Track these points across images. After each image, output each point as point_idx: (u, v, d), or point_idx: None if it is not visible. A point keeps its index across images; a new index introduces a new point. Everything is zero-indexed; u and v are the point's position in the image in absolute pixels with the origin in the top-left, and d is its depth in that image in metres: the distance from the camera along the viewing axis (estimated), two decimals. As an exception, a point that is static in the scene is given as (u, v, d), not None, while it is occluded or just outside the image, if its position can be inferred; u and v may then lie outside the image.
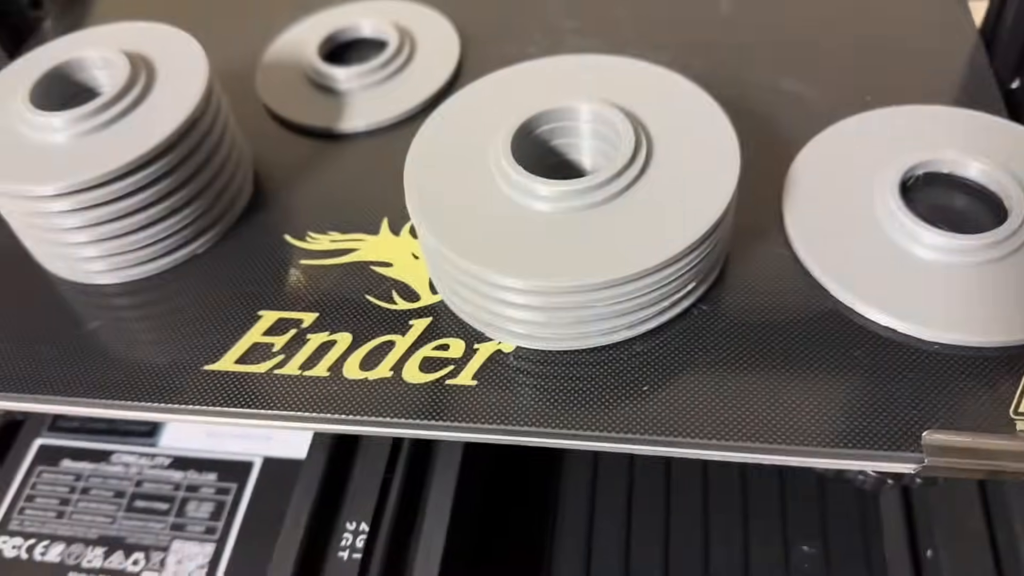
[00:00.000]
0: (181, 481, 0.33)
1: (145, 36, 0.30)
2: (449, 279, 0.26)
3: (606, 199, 0.25)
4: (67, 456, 0.35)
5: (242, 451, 0.34)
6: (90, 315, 0.29)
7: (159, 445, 0.34)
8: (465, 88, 0.29)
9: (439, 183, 0.26)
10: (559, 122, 0.27)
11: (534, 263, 0.24)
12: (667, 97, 0.27)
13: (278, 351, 0.27)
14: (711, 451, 0.24)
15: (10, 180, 0.27)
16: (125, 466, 0.34)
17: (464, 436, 0.25)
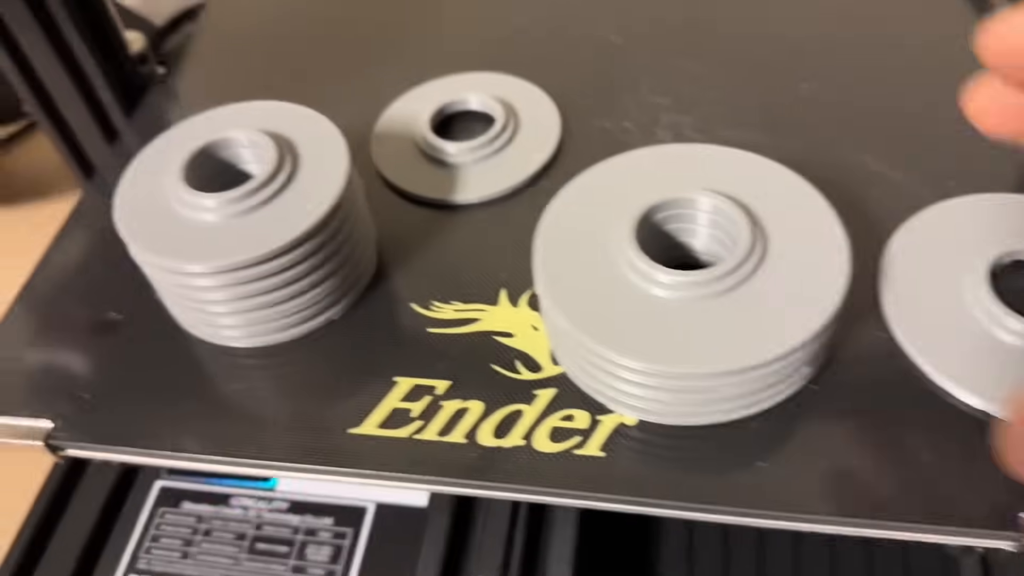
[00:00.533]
0: (299, 525, 0.36)
1: (281, 115, 0.33)
2: (574, 355, 0.28)
3: (725, 290, 0.27)
4: (187, 499, 0.37)
5: (355, 497, 0.36)
6: (230, 376, 0.31)
7: (276, 489, 0.37)
8: (585, 172, 0.31)
9: (565, 265, 0.29)
10: (677, 210, 0.30)
11: (656, 346, 0.26)
12: (771, 185, 0.30)
13: (416, 416, 0.29)
14: (827, 525, 0.26)
15: (165, 255, 0.30)
16: (244, 509, 0.36)
17: (598, 505, 0.27)
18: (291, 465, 0.29)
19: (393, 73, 0.41)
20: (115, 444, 0.30)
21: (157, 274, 0.31)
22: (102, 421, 0.31)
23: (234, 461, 0.29)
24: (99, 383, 0.32)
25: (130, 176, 0.32)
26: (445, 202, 0.35)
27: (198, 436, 0.30)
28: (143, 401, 0.31)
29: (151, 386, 0.31)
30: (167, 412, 0.31)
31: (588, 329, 0.27)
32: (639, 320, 0.27)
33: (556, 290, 0.28)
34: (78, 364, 0.33)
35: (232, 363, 0.32)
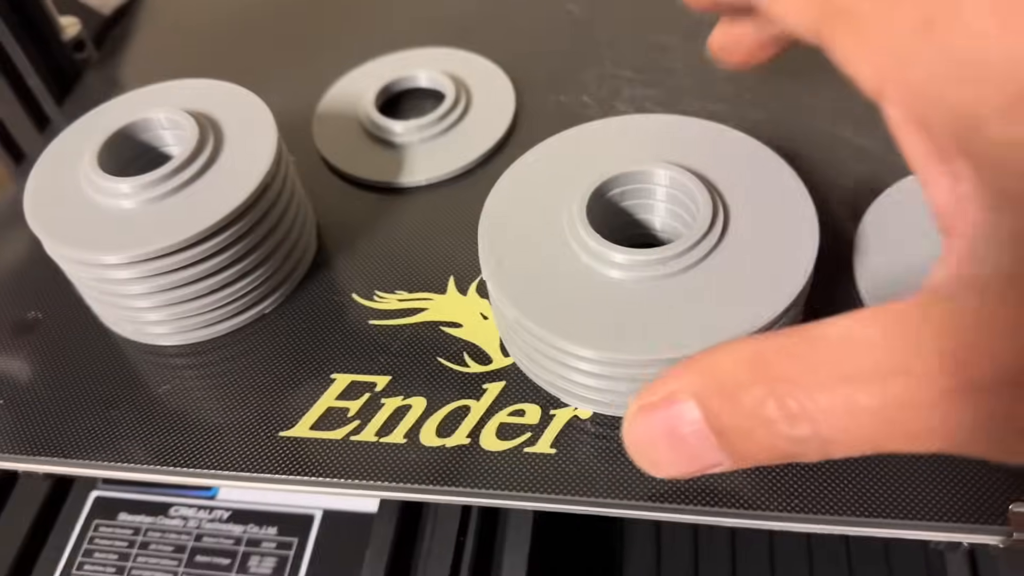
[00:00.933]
0: (241, 535, 0.33)
1: (206, 94, 0.30)
2: (524, 345, 0.26)
3: (684, 268, 0.25)
4: (124, 509, 0.35)
5: (301, 504, 0.34)
6: (159, 378, 0.29)
7: (217, 498, 0.34)
8: (534, 149, 0.29)
9: (513, 248, 0.26)
10: (632, 185, 0.27)
11: (612, 333, 0.24)
12: (736, 157, 0.28)
13: (353, 416, 0.27)
14: (802, 524, 0.24)
15: (78, 247, 0.27)
16: (184, 519, 0.34)
17: (550, 507, 0.25)
18: (214, 473, 0.26)
19: (338, 52, 0.39)
20: (35, 454, 0.28)
21: (73, 267, 0.28)
22: (21, 429, 0.28)
23: (166, 469, 0.27)
24: (17, 387, 0.29)
25: (43, 163, 0.30)
26: (391, 185, 0.33)
27: (126, 443, 0.28)
28: (66, 406, 0.29)
29: (75, 390, 0.29)
30: (93, 417, 0.28)
31: (538, 317, 0.24)
32: (593, 305, 0.24)
33: (503, 276, 0.25)
34: (-5, 367, 0.30)
35: (160, 363, 0.29)
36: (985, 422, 0.15)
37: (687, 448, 0.18)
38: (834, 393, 0.16)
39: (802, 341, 0.17)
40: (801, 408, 0.16)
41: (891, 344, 0.16)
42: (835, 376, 0.16)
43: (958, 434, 0.16)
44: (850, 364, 0.16)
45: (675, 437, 0.18)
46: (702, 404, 0.18)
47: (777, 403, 0.17)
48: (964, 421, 0.15)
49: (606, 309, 0.24)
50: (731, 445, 0.18)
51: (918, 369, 0.15)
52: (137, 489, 0.35)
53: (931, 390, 0.15)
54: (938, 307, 0.16)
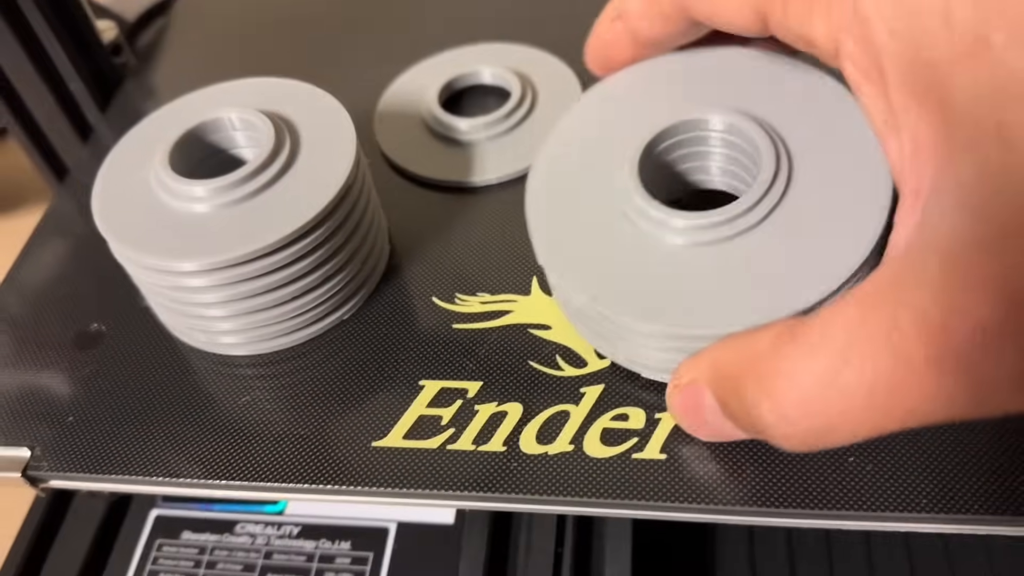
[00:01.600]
0: (313, 551, 0.32)
1: (276, 93, 0.29)
2: (593, 324, 0.25)
3: (748, 227, 0.23)
4: (187, 528, 0.33)
5: (374, 516, 0.32)
6: (236, 390, 0.28)
7: (285, 513, 0.33)
8: (572, 109, 0.28)
9: (564, 223, 0.25)
10: (685, 134, 0.26)
11: (681, 307, 0.22)
12: (802, 94, 0.25)
13: (447, 424, 0.26)
14: (897, 523, 0.23)
15: (152, 253, 0.26)
16: (251, 537, 0.33)
17: (662, 515, 0.24)
18: (307, 487, 0.25)
19: (395, 48, 0.38)
20: (103, 472, 0.27)
21: (143, 275, 0.27)
22: (87, 447, 0.27)
23: (239, 485, 0.26)
24: (83, 404, 0.28)
25: (109, 166, 0.28)
26: (460, 184, 0.32)
27: (197, 459, 0.26)
28: (133, 422, 0.27)
29: (142, 404, 0.28)
30: (161, 433, 0.27)
31: (604, 298, 0.23)
32: (657, 276, 0.23)
33: (560, 259, 0.24)
34: (58, 383, 0.29)
35: (235, 374, 0.28)
36: (974, 380, 0.15)
37: (710, 424, 0.21)
38: (824, 384, 0.17)
39: (791, 338, 0.18)
40: (793, 407, 0.18)
41: (869, 324, 0.16)
42: (822, 367, 0.17)
43: (954, 399, 0.16)
44: (835, 352, 0.17)
45: (699, 415, 0.21)
46: (715, 394, 0.20)
47: (771, 405, 0.18)
48: (956, 384, 0.15)
49: (670, 280, 0.23)
50: (744, 427, 0.20)
51: (897, 342, 0.16)
52: (198, 506, 0.34)
53: (914, 361, 0.15)
54: (905, 276, 0.16)
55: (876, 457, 0.23)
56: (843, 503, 0.22)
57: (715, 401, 0.20)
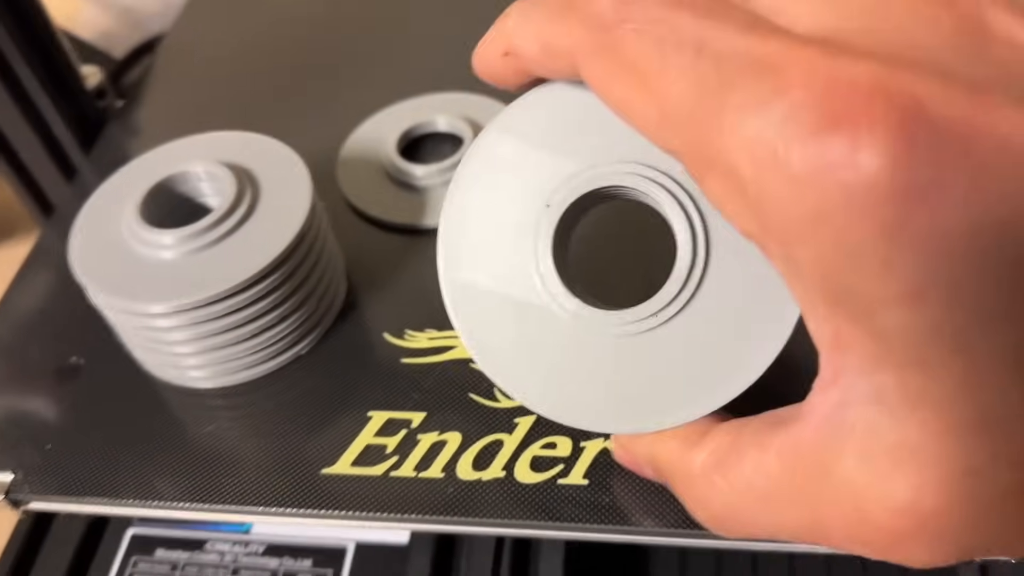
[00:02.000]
0: (277, 568, 0.34)
1: (240, 145, 0.32)
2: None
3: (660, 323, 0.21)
4: (161, 545, 0.36)
5: (334, 536, 0.35)
6: (202, 419, 0.30)
7: (252, 532, 0.35)
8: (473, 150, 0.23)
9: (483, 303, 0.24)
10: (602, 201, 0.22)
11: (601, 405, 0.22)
12: None
13: (391, 452, 0.28)
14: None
15: (123, 297, 0.28)
16: (220, 554, 0.35)
17: (585, 536, 0.26)
18: (265, 510, 0.27)
19: (358, 98, 0.40)
20: (81, 495, 0.29)
21: (117, 316, 0.29)
22: (67, 471, 0.29)
23: (206, 507, 0.28)
24: (62, 431, 0.31)
25: (85, 214, 0.31)
26: (416, 226, 0.34)
27: (168, 482, 0.29)
28: (110, 448, 0.30)
29: (117, 432, 0.30)
30: (135, 459, 0.29)
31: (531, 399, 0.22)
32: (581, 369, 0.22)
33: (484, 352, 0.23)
34: (39, 411, 0.31)
35: (200, 404, 0.31)
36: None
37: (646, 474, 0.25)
38: (735, 519, 0.20)
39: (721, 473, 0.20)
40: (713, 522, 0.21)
41: (796, 479, 0.18)
42: (744, 502, 0.20)
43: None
44: (754, 500, 0.20)
45: (642, 472, 0.25)
46: (655, 473, 0.24)
47: (698, 513, 0.22)
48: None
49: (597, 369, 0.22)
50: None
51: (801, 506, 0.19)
52: (172, 525, 0.36)
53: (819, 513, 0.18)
54: (827, 450, 0.18)
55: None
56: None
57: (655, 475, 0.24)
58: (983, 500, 0.16)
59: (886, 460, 0.16)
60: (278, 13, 0.50)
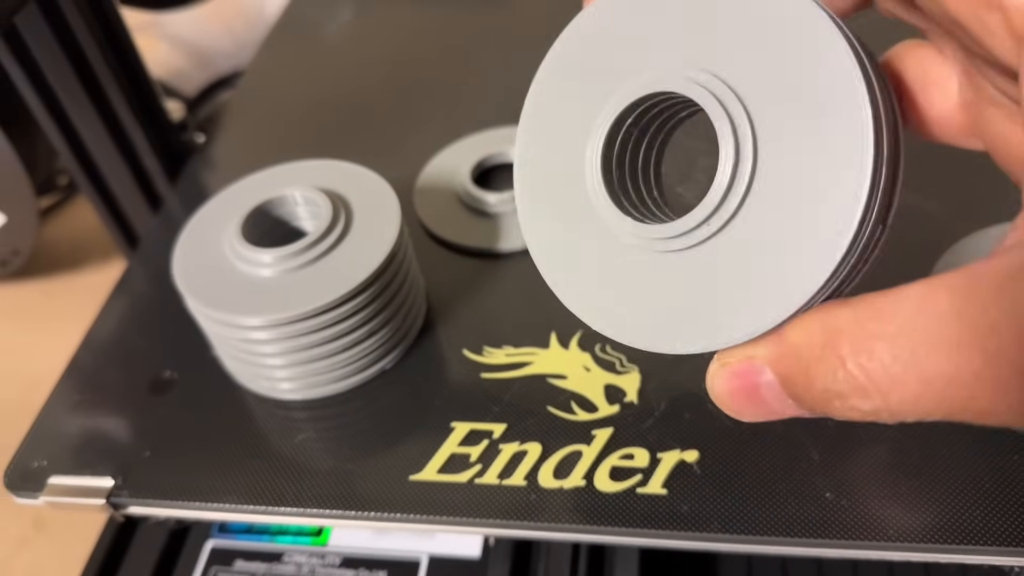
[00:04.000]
0: (353, 579, 0.35)
1: (335, 173, 0.34)
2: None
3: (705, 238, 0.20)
4: (240, 557, 0.37)
5: (408, 549, 0.36)
6: (292, 429, 0.32)
7: (328, 544, 0.37)
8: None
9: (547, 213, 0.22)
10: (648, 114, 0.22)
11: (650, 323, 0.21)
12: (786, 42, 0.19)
13: (475, 461, 0.29)
14: (895, 552, 0.26)
15: (223, 310, 0.30)
16: (297, 566, 0.36)
17: (663, 543, 0.27)
18: (352, 514, 0.29)
19: (432, 131, 0.43)
20: (176, 499, 0.30)
21: (215, 328, 0.31)
22: (162, 478, 0.31)
23: (296, 511, 0.30)
24: (158, 440, 0.32)
25: (187, 233, 0.33)
26: (489, 251, 0.36)
27: (259, 489, 0.30)
28: (202, 457, 0.31)
29: (210, 441, 0.32)
30: (226, 467, 0.31)
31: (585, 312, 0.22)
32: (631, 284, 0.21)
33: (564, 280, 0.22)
34: (136, 423, 0.33)
35: (288, 416, 0.32)
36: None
37: (765, 403, 0.19)
38: (905, 366, 0.16)
39: (874, 313, 0.17)
40: (870, 382, 0.16)
41: (965, 317, 0.15)
42: (907, 349, 0.16)
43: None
44: (923, 337, 0.16)
45: (754, 394, 0.19)
46: (777, 372, 0.19)
47: (846, 377, 0.17)
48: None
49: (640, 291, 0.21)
50: (806, 407, 0.19)
51: (991, 346, 0.15)
52: (251, 537, 0.38)
53: (1004, 369, 0.15)
54: (1012, 275, 0.15)
55: (851, 493, 0.27)
56: (829, 532, 0.26)
57: (776, 379, 0.19)
58: None
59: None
60: (352, 51, 0.53)
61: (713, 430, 0.29)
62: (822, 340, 0.17)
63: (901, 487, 0.27)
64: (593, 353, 0.32)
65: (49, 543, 0.44)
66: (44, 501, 0.31)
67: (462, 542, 0.35)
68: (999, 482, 0.26)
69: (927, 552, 0.26)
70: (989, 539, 0.25)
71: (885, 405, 0.16)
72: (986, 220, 0.33)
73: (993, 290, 0.15)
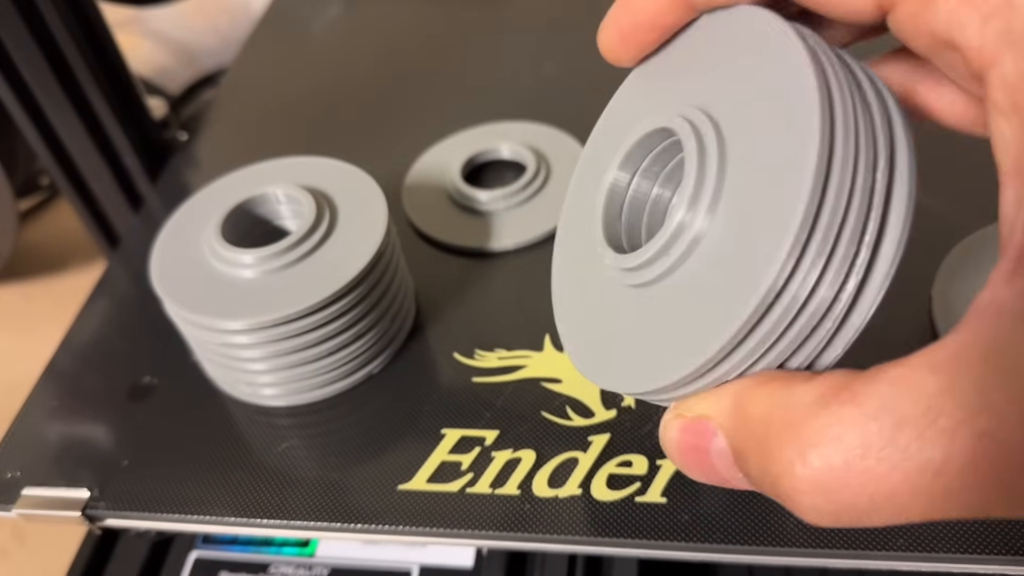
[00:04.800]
0: (341, 591, 0.34)
1: (319, 170, 0.33)
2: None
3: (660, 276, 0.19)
4: (224, 568, 0.36)
5: (398, 559, 0.35)
6: (275, 437, 0.30)
7: (316, 555, 0.35)
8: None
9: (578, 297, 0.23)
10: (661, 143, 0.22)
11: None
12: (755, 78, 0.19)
13: (466, 469, 0.28)
14: (901, 562, 0.25)
15: (203, 313, 0.29)
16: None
17: (663, 554, 0.26)
18: (339, 526, 0.27)
19: (420, 127, 0.41)
20: (155, 511, 0.29)
21: (194, 332, 0.30)
22: (141, 488, 0.30)
23: (281, 524, 0.28)
24: (136, 449, 0.31)
25: (165, 234, 0.32)
26: (480, 250, 0.35)
27: (242, 500, 0.29)
28: (183, 466, 0.30)
29: (190, 450, 0.31)
30: (208, 476, 0.30)
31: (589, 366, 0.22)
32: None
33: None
34: (114, 431, 0.32)
35: (274, 423, 0.31)
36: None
37: (714, 469, 0.18)
38: (880, 457, 0.14)
39: (846, 395, 0.15)
40: (834, 478, 0.14)
41: (955, 395, 0.14)
42: (883, 437, 0.14)
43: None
44: (904, 422, 0.14)
45: (703, 457, 0.18)
46: (731, 441, 0.17)
47: (805, 470, 0.15)
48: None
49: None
50: (754, 482, 0.17)
51: (986, 424, 0.13)
52: (236, 548, 0.36)
53: (1004, 448, 0.13)
54: (1000, 348, 0.14)
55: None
56: (833, 543, 0.25)
57: (728, 448, 0.17)
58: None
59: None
60: (339, 47, 0.52)
61: (714, 435, 0.28)
62: (783, 419, 0.15)
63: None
64: (588, 356, 0.31)
65: (29, 555, 0.43)
66: (17, 514, 0.30)
67: (454, 552, 0.34)
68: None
69: (934, 561, 0.24)
70: (997, 547, 0.24)
71: (852, 503, 0.14)
72: (993, 217, 0.32)
73: (977, 359, 0.14)
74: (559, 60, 0.46)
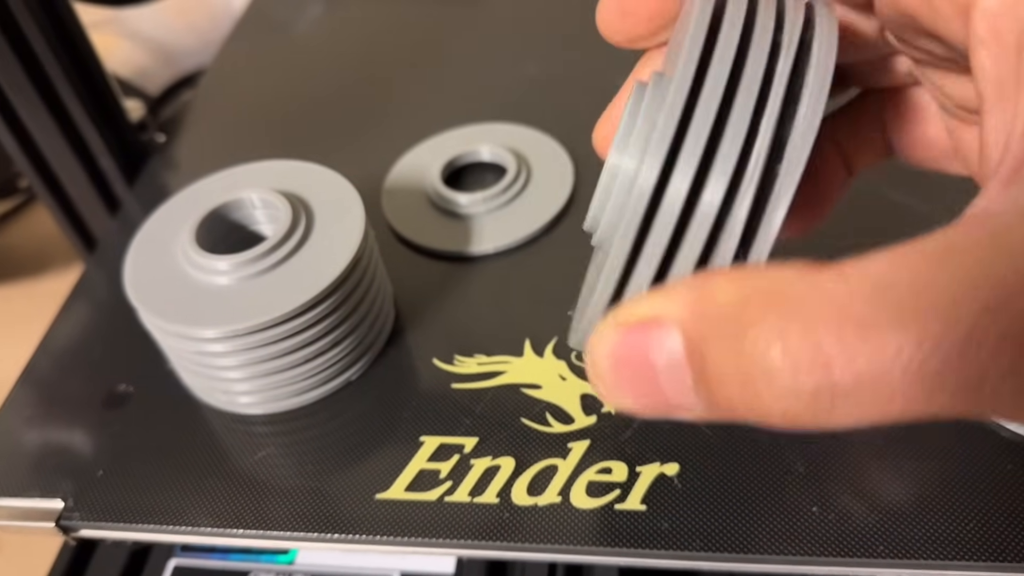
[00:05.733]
0: (321, 599, 0.34)
1: (295, 174, 0.32)
2: None
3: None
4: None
5: (378, 566, 0.34)
6: (252, 446, 0.30)
7: (296, 563, 0.35)
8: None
9: None
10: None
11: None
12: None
13: (445, 477, 0.28)
14: (885, 568, 0.25)
15: (177, 321, 0.28)
16: (263, 585, 0.35)
17: (644, 563, 0.26)
18: (317, 536, 0.27)
19: (399, 129, 0.41)
20: (131, 521, 0.29)
21: (169, 340, 0.30)
22: (116, 498, 0.29)
23: (258, 534, 0.28)
24: (112, 459, 0.31)
25: (139, 241, 0.31)
26: (460, 254, 0.35)
27: (218, 509, 0.29)
28: (159, 475, 0.30)
29: (166, 459, 0.30)
30: (184, 485, 0.29)
31: None
32: None
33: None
34: (89, 440, 0.31)
35: (251, 431, 0.31)
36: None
37: (654, 384, 0.15)
38: (866, 338, 0.13)
39: (834, 275, 0.13)
40: (817, 353, 0.13)
41: (939, 284, 0.13)
42: (869, 317, 0.13)
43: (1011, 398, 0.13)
44: (889, 306, 0.13)
45: (643, 367, 0.15)
46: (688, 338, 0.14)
47: (784, 349, 0.13)
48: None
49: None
50: (711, 393, 0.14)
51: (965, 315, 0.13)
52: (215, 556, 0.36)
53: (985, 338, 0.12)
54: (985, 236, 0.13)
55: (839, 507, 0.25)
56: (814, 549, 0.25)
57: (682, 352, 0.14)
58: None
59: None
60: (318, 49, 0.51)
61: (694, 441, 0.28)
62: (764, 303, 0.14)
63: (890, 501, 0.25)
64: (569, 361, 0.31)
65: (6, 564, 0.42)
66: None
67: (435, 559, 0.34)
68: (993, 495, 0.25)
69: (918, 568, 0.24)
70: (983, 554, 0.24)
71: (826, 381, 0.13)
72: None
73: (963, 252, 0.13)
74: (540, 62, 0.45)
